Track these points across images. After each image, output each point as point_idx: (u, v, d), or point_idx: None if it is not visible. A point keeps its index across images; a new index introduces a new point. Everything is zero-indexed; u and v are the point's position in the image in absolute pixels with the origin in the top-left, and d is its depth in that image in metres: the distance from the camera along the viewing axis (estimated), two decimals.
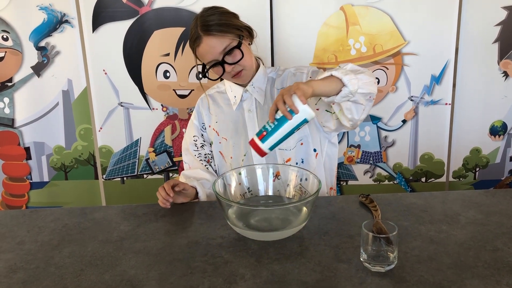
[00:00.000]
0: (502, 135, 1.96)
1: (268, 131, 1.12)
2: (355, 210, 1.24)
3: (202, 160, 1.52)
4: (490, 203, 1.25)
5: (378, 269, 0.94)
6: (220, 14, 1.35)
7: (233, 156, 1.48)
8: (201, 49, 1.34)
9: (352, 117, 1.27)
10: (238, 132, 1.46)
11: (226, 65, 1.34)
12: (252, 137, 1.14)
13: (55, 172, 2.05)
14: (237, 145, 1.47)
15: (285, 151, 1.42)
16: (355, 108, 1.25)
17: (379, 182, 2.03)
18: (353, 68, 1.25)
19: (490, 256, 0.99)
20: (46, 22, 1.86)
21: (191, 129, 1.54)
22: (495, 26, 1.82)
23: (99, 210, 1.31)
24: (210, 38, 1.31)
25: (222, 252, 1.04)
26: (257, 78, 1.44)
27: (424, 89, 1.89)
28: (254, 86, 1.44)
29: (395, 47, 1.85)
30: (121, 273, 0.98)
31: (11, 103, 1.96)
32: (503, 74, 1.88)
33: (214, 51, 1.32)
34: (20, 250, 1.10)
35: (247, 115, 1.46)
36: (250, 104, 1.45)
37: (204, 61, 1.37)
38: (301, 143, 1.42)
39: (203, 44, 1.33)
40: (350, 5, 1.81)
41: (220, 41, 1.32)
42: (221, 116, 1.49)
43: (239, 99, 1.45)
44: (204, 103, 1.53)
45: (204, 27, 1.31)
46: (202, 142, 1.53)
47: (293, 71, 1.46)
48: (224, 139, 1.49)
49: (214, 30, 1.31)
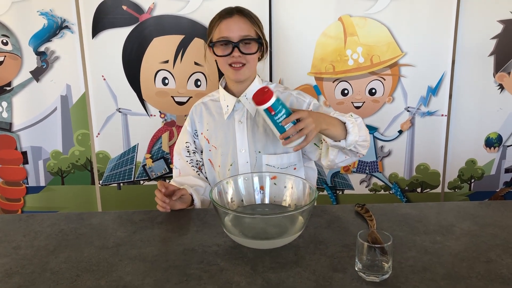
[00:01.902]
0: (497, 147, 1.98)
1: (276, 118, 1.17)
2: (351, 219, 1.24)
3: (193, 166, 1.53)
4: (484, 215, 1.26)
5: (373, 279, 0.94)
6: (254, 16, 1.42)
7: (220, 165, 1.49)
8: (227, 22, 1.37)
9: (333, 160, 1.33)
10: (227, 141, 1.47)
11: (236, 49, 1.36)
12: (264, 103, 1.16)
13: (52, 177, 2.05)
14: (225, 154, 1.47)
15: (272, 167, 1.45)
16: (341, 155, 1.32)
17: (375, 191, 2.04)
18: (361, 125, 1.30)
19: (484, 267, 0.99)
20: (46, 28, 1.87)
21: (184, 135, 1.55)
22: (491, 39, 1.84)
23: (95, 216, 1.31)
24: (241, 18, 1.37)
25: (218, 259, 1.05)
26: (251, 89, 1.44)
27: (421, 100, 1.91)
28: (247, 98, 1.45)
29: (392, 58, 1.86)
30: (117, 279, 0.98)
31: (9, 107, 1.96)
32: (499, 87, 1.90)
33: (237, 31, 1.36)
34: (16, 254, 1.10)
35: (237, 125, 1.46)
36: (241, 115, 1.46)
37: (219, 35, 1.38)
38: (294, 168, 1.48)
39: (231, 19, 1.37)
40: (348, 16, 1.83)
41: (247, 27, 1.37)
42: (212, 124, 1.50)
43: (231, 108, 1.46)
44: (197, 110, 1.54)
45: (239, 9, 1.39)
46: (194, 148, 1.53)
47: (296, 95, 1.47)
48: (214, 147, 1.49)
49: (248, 16, 1.38)
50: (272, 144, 1.44)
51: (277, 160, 1.45)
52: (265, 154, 1.44)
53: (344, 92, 1.91)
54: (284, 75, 1.59)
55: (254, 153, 1.45)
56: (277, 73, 1.89)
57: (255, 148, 1.45)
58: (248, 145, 1.45)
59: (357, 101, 1.92)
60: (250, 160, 1.46)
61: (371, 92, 1.90)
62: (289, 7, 1.83)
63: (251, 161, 1.46)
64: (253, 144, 1.45)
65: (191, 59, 1.89)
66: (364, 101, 1.92)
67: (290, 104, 1.45)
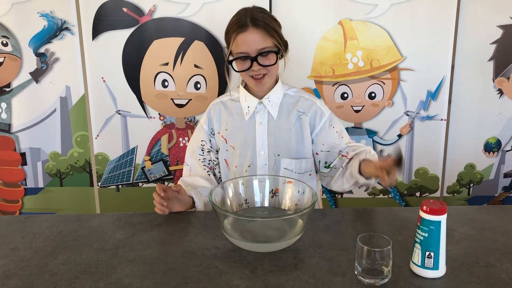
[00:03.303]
0: (496, 151, 1.98)
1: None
2: (350, 223, 1.24)
3: (205, 165, 1.52)
4: (483, 219, 1.26)
5: (372, 283, 0.94)
6: (270, 17, 1.40)
7: (238, 166, 1.48)
8: (242, 37, 1.35)
9: (342, 189, 1.45)
10: (247, 142, 1.47)
11: (255, 63, 1.36)
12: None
13: (50, 178, 2.05)
14: (243, 155, 1.47)
15: (290, 171, 1.47)
16: (350, 186, 1.41)
17: (374, 195, 2.04)
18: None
19: (483, 272, 0.99)
20: (46, 29, 1.87)
21: (200, 133, 1.54)
22: (491, 44, 1.85)
23: (94, 218, 1.31)
24: (256, 31, 1.34)
25: (217, 262, 1.05)
26: (274, 92, 1.46)
27: (420, 105, 1.91)
28: (269, 100, 1.45)
29: (392, 62, 1.87)
30: (115, 282, 0.98)
31: (8, 108, 1.96)
32: (498, 92, 1.90)
33: (253, 45, 1.35)
34: (14, 256, 1.10)
35: (258, 127, 1.46)
36: (262, 117, 1.46)
37: (237, 50, 1.38)
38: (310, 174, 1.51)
39: (246, 33, 1.35)
40: (348, 20, 1.83)
41: (263, 39, 1.35)
42: (231, 124, 1.50)
43: (253, 110, 1.46)
44: (216, 109, 1.53)
45: (253, 20, 1.35)
46: (209, 147, 1.53)
47: (319, 105, 1.49)
48: (232, 147, 1.49)
49: (262, 27, 1.35)
50: (292, 148, 1.45)
51: (295, 165, 1.46)
52: (284, 158, 1.44)
53: (344, 96, 1.91)
54: (284, 79, 1.59)
55: (274, 156, 1.45)
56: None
57: (275, 151, 1.45)
58: (268, 148, 1.45)
59: (356, 105, 1.92)
60: (269, 162, 1.46)
61: (371, 96, 1.90)
62: (289, 10, 1.83)
63: (269, 163, 1.46)
64: (273, 147, 1.45)
65: (191, 61, 1.89)
66: (363, 105, 1.92)
67: (312, 112, 1.48)
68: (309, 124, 1.47)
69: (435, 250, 0.96)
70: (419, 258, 0.97)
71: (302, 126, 1.47)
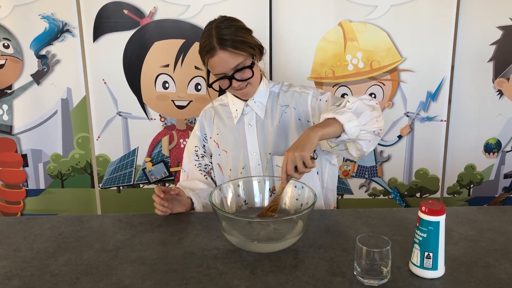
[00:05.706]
0: (496, 152, 1.98)
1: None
2: (350, 223, 1.25)
3: (201, 170, 1.53)
4: (483, 220, 1.26)
5: (372, 283, 0.94)
6: (236, 29, 1.35)
7: (232, 169, 1.49)
8: (214, 61, 1.34)
9: (359, 150, 1.28)
10: (238, 145, 1.48)
11: (234, 80, 1.36)
12: None
13: (52, 179, 2.05)
14: (236, 158, 1.48)
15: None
16: (362, 143, 1.26)
17: (374, 196, 2.04)
18: (359, 107, 1.24)
19: (482, 272, 1.00)
20: (48, 31, 1.88)
21: (194, 139, 1.55)
22: (490, 45, 1.85)
23: (95, 219, 1.31)
24: (224, 52, 1.31)
25: (217, 263, 1.05)
26: (259, 92, 1.46)
27: (420, 106, 1.92)
28: (255, 101, 1.46)
29: (392, 64, 1.87)
30: (116, 282, 0.98)
31: (10, 110, 1.96)
32: (498, 93, 1.90)
33: (226, 66, 1.33)
34: (16, 257, 1.10)
35: (247, 128, 1.47)
36: (250, 118, 1.47)
37: (213, 72, 1.38)
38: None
39: (216, 57, 1.32)
40: (348, 21, 1.83)
41: (234, 57, 1.32)
42: (222, 128, 1.51)
43: (240, 112, 1.47)
44: (207, 115, 1.55)
45: (219, 41, 1.31)
46: (202, 152, 1.54)
47: (298, 90, 1.47)
48: (224, 151, 1.50)
49: (229, 46, 1.31)
50: (281, 144, 1.44)
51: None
52: (275, 155, 1.45)
53: (344, 97, 1.91)
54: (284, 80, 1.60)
55: (265, 155, 1.46)
56: (277, 78, 1.89)
57: (266, 150, 1.45)
58: (259, 148, 1.46)
59: None
60: (262, 162, 1.46)
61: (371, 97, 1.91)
62: (290, 12, 1.84)
63: (262, 163, 1.46)
64: (264, 146, 1.46)
65: (191, 63, 1.90)
66: None
67: (295, 100, 1.45)
68: (298, 114, 1.44)
69: (434, 251, 0.96)
70: (418, 258, 0.98)
71: (287, 120, 1.45)
